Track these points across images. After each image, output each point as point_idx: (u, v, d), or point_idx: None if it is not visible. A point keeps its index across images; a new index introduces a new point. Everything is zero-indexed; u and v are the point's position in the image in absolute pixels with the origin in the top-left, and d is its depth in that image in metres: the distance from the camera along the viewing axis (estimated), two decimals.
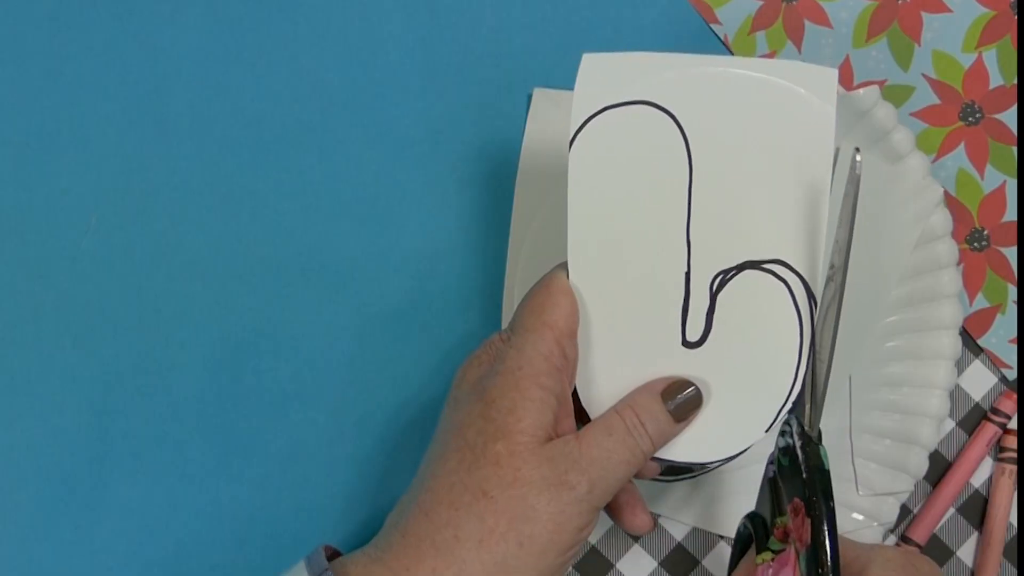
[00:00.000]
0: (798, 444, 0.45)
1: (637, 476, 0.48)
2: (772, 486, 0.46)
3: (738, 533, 0.49)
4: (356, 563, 0.44)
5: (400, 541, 0.44)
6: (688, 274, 0.47)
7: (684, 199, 0.46)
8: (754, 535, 0.47)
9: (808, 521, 0.42)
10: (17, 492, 0.54)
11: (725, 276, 0.47)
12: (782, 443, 0.46)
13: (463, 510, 0.43)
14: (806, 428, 0.45)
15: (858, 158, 0.44)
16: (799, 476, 0.44)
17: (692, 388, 0.46)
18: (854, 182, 0.44)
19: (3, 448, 0.54)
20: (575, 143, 0.47)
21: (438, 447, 0.45)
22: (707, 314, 0.47)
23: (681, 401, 0.46)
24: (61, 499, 0.54)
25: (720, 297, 0.47)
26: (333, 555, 0.46)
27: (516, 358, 0.44)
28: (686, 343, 0.47)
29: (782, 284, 0.46)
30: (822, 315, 0.46)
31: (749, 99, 0.46)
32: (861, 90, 0.54)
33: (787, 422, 0.46)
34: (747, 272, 0.46)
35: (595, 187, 0.47)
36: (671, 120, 0.47)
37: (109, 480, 0.55)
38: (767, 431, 0.47)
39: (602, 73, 0.47)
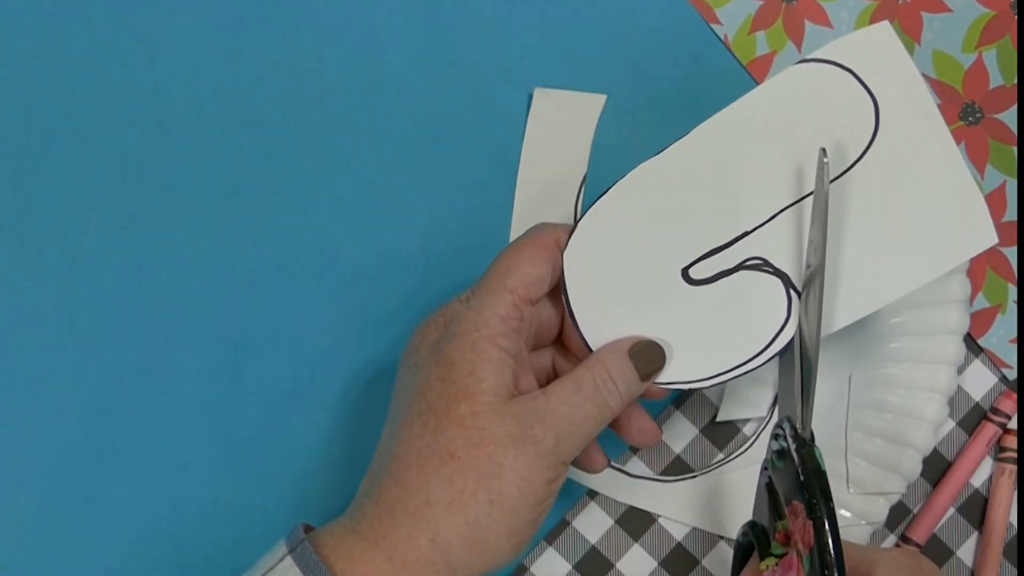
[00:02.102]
0: (792, 447, 0.45)
1: (645, 396, 0.48)
2: (769, 491, 0.46)
3: (737, 543, 0.49)
4: (332, 534, 0.45)
5: (373, 510, 0.44)
6: (745, 234, 0.47)
7: (811, 186, 0.46)
8: (755, 543, 0.47)
9: (810, 523, 0.42)
10: (17, 492, 0.54)
11: (762, 265, 0.47)
12: (775, 446, 0.46)
13: (431, 473, 0.43)
14: (799, 430, 0.45)
15: (825, 159, 0.45)
16: (795, 478, 0.44)
17: (657, 348, 0.47)
18: (823, 181, 0.45)
19: (3, 448, 0.54)
20: (798, 65, 0.47)
21: (401, 412, 0.46)
22: (721, 272, 0.47)
23: (647, 359, 0.46)
24: (61, 499, 0.54)
25: (741, 272, 0.47)
26: (310, 531, 0.47)
27: (473, 320, 0.45)
28: (686, 276, 0.47)
29: (787, 313, 0.47)
30: (804, 312, 0.46)
31: (938, 172, 0.46)
32: None
33: (779, 425, 0.46)
34: (778, 280, 0.47)
35: (768, 108, 0.47)
36: (874, 121, 0.47)
37: (109, 480, 0.55)
38: (715, 376, 0.47)
39: (875, 45, 0.47)
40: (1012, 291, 0.57)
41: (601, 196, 0.47)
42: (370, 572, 0.43)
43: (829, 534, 0.42)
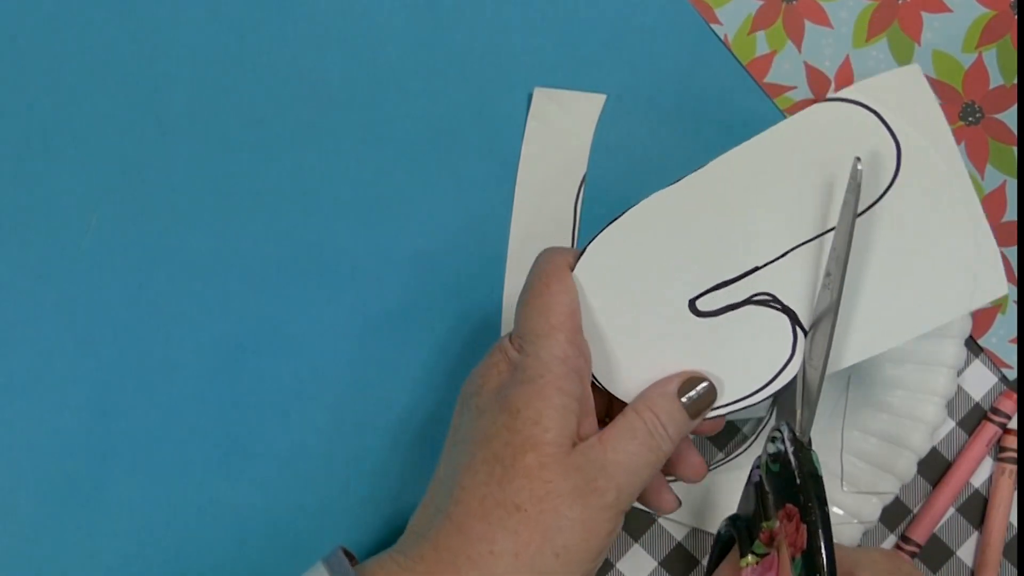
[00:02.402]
0: (790, 450, 0.45)
1: (697, 432, 0.48)
2: (758, 490, 0.46)
3: (718, 535, 0.49)
4: (384, 569, 0.44)
5: (432, 555, 0.44)
6: (755, 269, 0.47)
7: (831, 224, 0.46)
8: (737, 538, 0.47)
9: (803, 527, 0.43)
10: (17, 492, 0.54)
11: (770, 301, 0.47)
12: (772, 449, 0.46)
13: (497, 524, 0.43)
14: (798, 434, 0.45)
15: (859, 167, 0.45)
16: (791, 482, 0.44)
17: (706, 384, 0.46)
18: (854, 191, 0.45)
19: (3, 448, 0.54)
20: (823, 103, 0.46)
21: (463, 457, 0.45)
22: (728, 306, 0.47)
23: (696, 397, 0.46)
24: (61, 499, 0.54)
25: (748, 307, 0.47)
26: (349, 558, 0.46)
27: (536, 366, 0.44)
28: (693, 307, 0.47)
29: (791, 352, 0.47)
30: (816, 322, 0.46)
31: (955, 218, 0.46)
32: None
33: (777, 428, 0.46)
34: (785, 317, 0.47)
35: (790, 144, 0.47)
36: (896, 164, 0.46)
37: (109, 480, 0.55)
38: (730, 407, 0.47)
39: (903, 87, 0.47)
40: (1012, 291, 0.57)
41: (612, 222, 0.47)
42: None
43: (823, 539, 0.42)
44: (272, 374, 0.55)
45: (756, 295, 0.47)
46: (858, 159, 0.45)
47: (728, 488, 0.56)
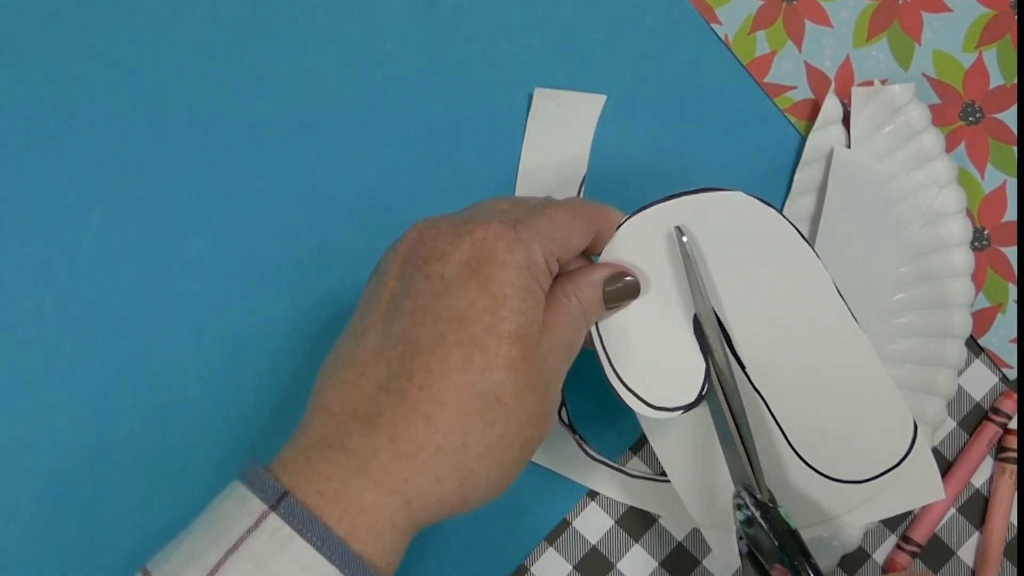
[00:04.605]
0: (758, 515, 0.45)
1: None
2: (751, 559, 0.47)
3: None
4: (328, 477, 0.40)
5: (389, 447, 0.40)
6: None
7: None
8: None
9: None
10: (17, 492, 0.54)
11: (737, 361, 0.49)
12: (741, 517, 0.46)
13: (473, 416, 0.41)
14: (758, 496, 0.46)
15: (684, 239, 0.47)
16: (771, 543, 0.44)
17: (631, 279, 0.47)
18: (688, 257, 0.47)
19: (3, 448, 0.55)
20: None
21: (423, 332, 0.42)
22: (705, 347, 0.48)
23: (616, 287, 0.47)
24: (61, 499, 0.54)
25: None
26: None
27: (526, 254, 0.42)
28: (697, 318, 0.48)
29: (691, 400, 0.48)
30: (719, 390, 0.47)
31: None
32: (897, 85, 0.55)
33: (738, 495, 0.46)
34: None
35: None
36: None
37: (109, 480, 0.55)
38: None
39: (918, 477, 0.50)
40: (1012, 291, 0.57)
41: (702, 192, 0.48)
42: (384, 519, 0.40)
43: None
44: (272, 374, 0.55)
45: (732, 351, 0.48)
46: (678, 229, 0.47)
47: (729, 488, 0.56)
